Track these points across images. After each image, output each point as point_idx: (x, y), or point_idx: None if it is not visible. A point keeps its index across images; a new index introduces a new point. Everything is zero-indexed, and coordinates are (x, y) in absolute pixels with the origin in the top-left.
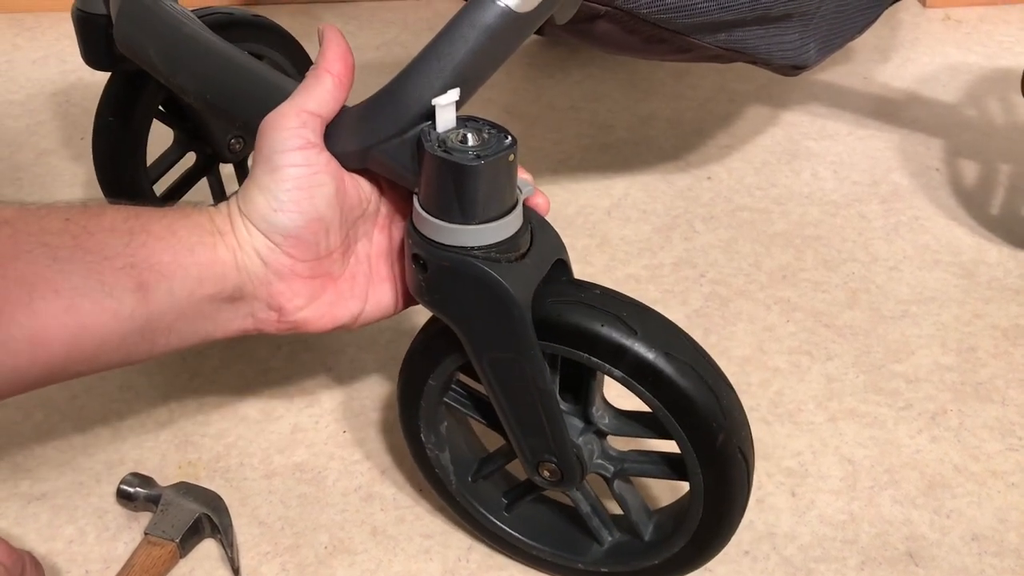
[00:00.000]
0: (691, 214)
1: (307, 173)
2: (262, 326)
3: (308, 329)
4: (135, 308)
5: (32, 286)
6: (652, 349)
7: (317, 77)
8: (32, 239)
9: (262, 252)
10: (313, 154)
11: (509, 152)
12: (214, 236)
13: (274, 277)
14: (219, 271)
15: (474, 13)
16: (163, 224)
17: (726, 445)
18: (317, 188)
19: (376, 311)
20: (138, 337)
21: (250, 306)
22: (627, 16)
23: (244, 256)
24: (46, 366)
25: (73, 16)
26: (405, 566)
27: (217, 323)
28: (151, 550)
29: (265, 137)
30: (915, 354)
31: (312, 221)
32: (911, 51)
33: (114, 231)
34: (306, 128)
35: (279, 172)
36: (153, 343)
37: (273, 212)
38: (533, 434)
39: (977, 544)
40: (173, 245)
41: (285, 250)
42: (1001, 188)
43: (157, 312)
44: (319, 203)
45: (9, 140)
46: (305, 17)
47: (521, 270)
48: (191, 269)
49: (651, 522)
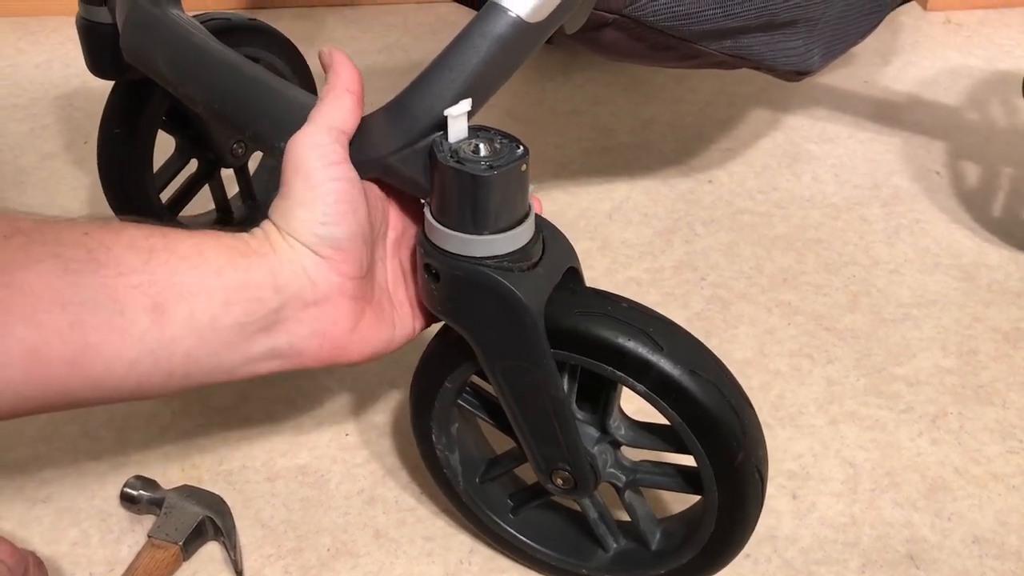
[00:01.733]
0: (692, 217)
1: (347, 187)
2: (300, 358)
3: (348, 357)
4: (148, 330)
5: (38, 297)
6: (677, 366)
7: (337, 96)
8: (45, 250)
9: (310, 270)
10: (347, 169)
11: (522, 162)
12: (248, 258)
13: (322, 297)
14: (252, 295)
15: (485, 23)
16: (189, 244)
17: (744, 464)
18: (356, 203)
19: (402, 336)
20: (151, 364)
21: (289, 334)
22: (634, 24)
23: (287, 277)
24: (43, 385)
25: (77, 25)
26: (407, 569)
27: (247, 356)
28: (154, 553)
29: (298, 156)
30: (916, 357)
31: (356, 233)
32: (912, 54)
33: (133, 247)
34: (338, 144)
35: (322, 187)
36: (170, 374)
37: (322, 225)
38: (547, 442)
39: (978, 547)
40: (198, 265)
41: (334, 265)
42: (1002, 191)
43: (173, 337)
44: (360, 216)
45: (13, 144)
46: (307, 21)
47: (533, 279)
48: (217, 292)
49: (658, 531)
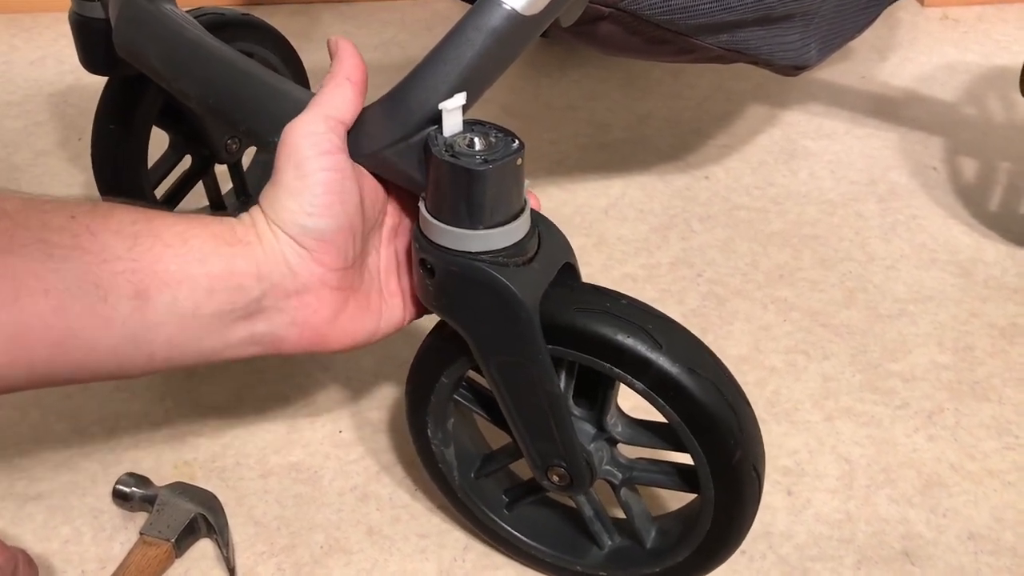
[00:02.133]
0: (688, 213)
1: (338, 178)
2: (280, 344)
3: (328, 346)
4: (130, 316)
5: (21, 282)
6: (676, 364)
7: (338, 84)
8: (30, 234)
9: (291, 260)
10: (342, 159)
11: (517, 156)
12: (233, 247)
13: (302, 287)
14: (235, 283)
15: (480, 16)
16: (175, 231)
17: (741, 462)
18: (347, 194)
19: (388, 326)
20: (132, 348)
21: (269, 322)
22: (630, 17)
23: (270, 266)
24: (27, 368)
25: (70, 20)
26: (401, 566)
27: (227, 342)
28: (147, 550)
29: (292, 143)
30: (912, 353)
31: (343, 226)
32: (909, 50)
33: (119, 233)
34: (333, 134)
35: (311, 177)
36: (151, 357)
37: (308, 216)
38: (542, 438)
39: (973, 543)
40: (183, 253)
41: (316, 257)
42: (999, 186)
43: (155, 323)
44: (349, 208)
45: (7, 141)
46: (303, 17)
47: (529, 274)
48: (200, 280)
49: (654, 529)
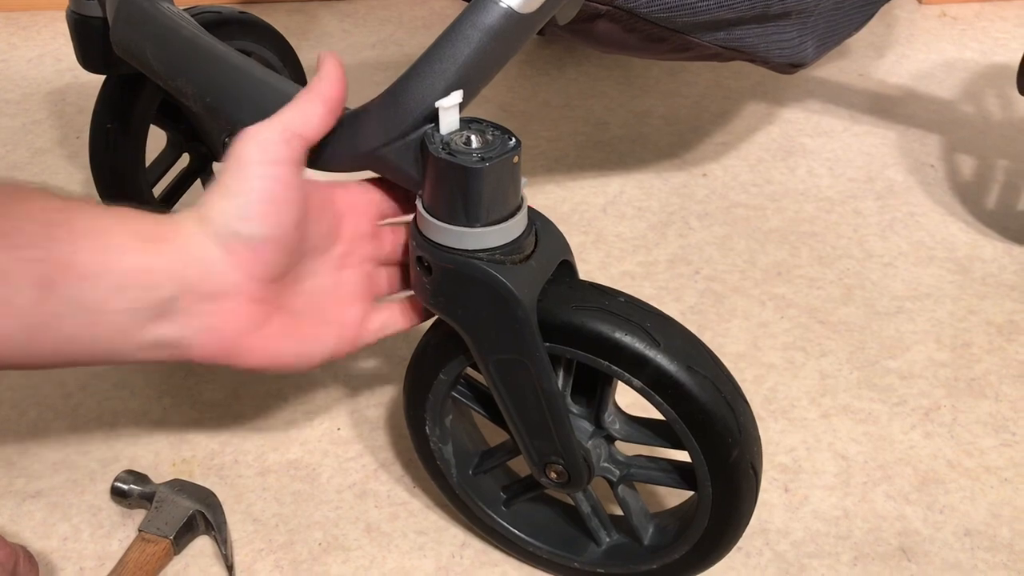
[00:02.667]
0: (686, 211)
1: (278, 189)
2: (189, 351)
3: (241, 360)
4: (31, 305)
5: None
6: (674, 361)
7: (309, 100)
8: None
9: (212, 263)
10: (287, 172)
11: (513, 154)
12: (153, 243)
13: (219, 292)
14: (148, 281)
15: (476, 14)
16: (93, 224)
17: (739, 460)
18: (285, 206)
19: (322, 354)
20: (32, 338)
21: (180, 326)
22: (627, 15)
23: (188, 266)
24: None
25: (68, 19)
26: (399, 562)
27: (135, 342)
28: (145, 547)
29: (244, 146)
30: (909, 350)
31: (274, 238)
32: (907, 47)
33: (33, 220)
34: (287, 146)
35: (250, 182)
36: (55, 351)
37: (239, 220)
38: (539, 436)
39: (970, 539)
40: (96, 246)
41: (240, 263)
42: (997, 184)
43: (57, 314)
44: (285, 221)
45: (5, 139)
46: (301, 15)
47: (526, 272)
48: (111, 276)
49: (651, 526)
